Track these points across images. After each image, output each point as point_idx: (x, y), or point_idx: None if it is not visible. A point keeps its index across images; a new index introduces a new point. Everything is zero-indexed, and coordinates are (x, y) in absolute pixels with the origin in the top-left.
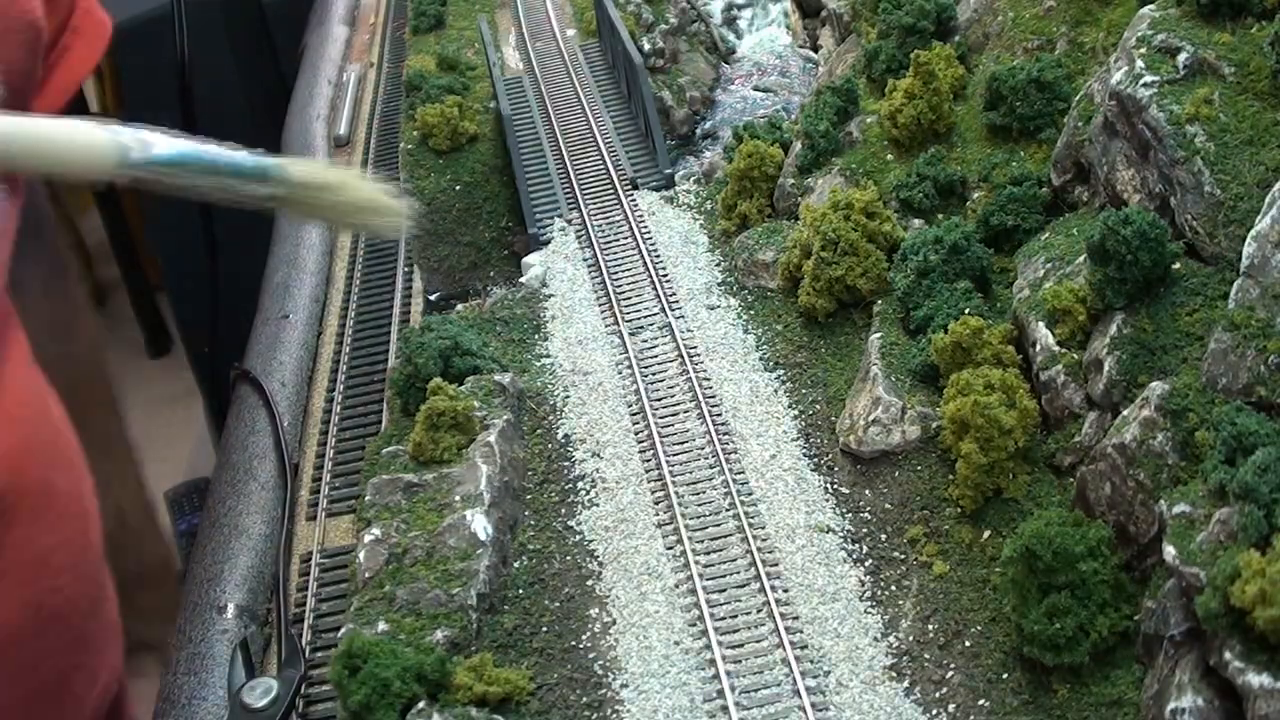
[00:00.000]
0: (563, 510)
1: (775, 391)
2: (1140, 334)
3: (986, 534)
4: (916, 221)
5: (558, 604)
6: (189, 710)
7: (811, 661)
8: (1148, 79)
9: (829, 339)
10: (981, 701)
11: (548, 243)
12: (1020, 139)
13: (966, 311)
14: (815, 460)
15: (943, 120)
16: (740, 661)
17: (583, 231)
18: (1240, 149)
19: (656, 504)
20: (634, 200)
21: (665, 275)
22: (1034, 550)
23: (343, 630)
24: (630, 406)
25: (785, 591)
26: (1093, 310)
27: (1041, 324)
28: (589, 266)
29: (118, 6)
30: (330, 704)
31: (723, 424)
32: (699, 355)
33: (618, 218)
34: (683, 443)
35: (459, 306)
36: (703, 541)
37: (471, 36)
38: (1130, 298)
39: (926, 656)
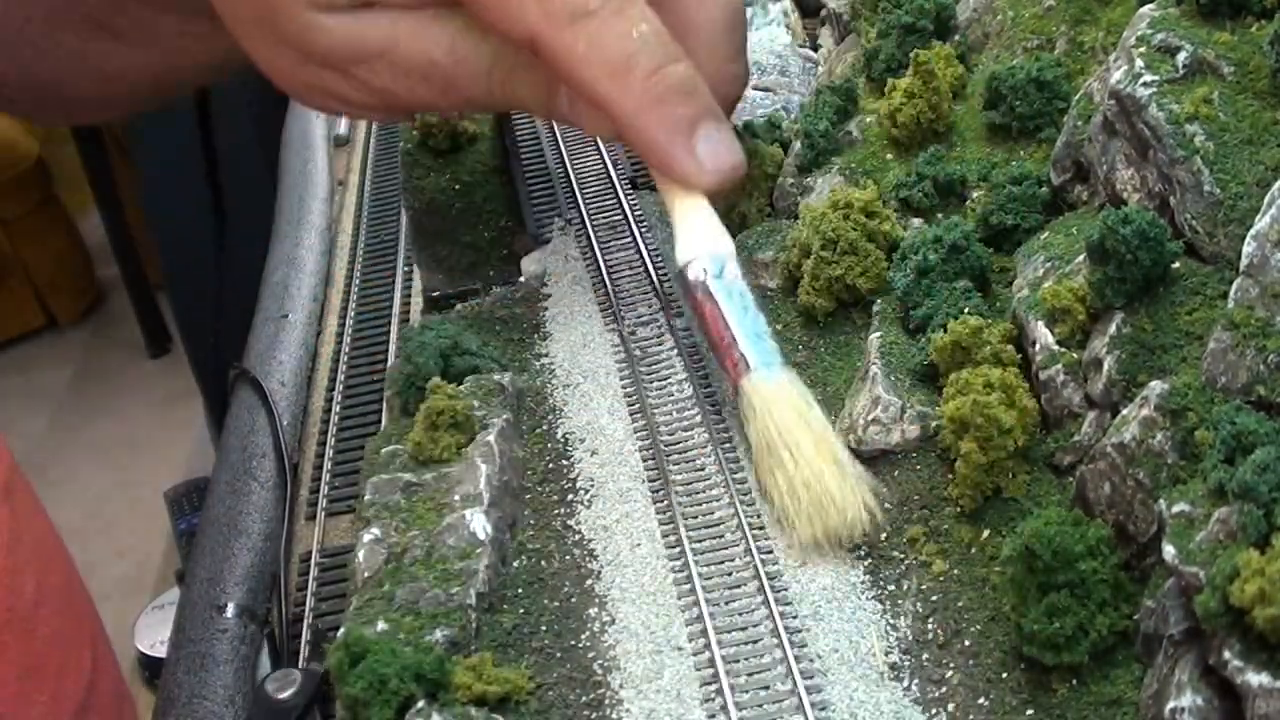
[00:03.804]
0: (562, 509)
1: None
2: (1140, 333)
3: (986, 533)
4: (916, 221)
5: (557, 603)
6: (189, 710)
7: (811, 660)
8: (1147, 78)
9: (828, 338)
10: (981, 700)
11: (547, 242)
12: (1020, 138)
13: (966, 311)
14: None
15: (942, 119)
16: (739, 661)
17: (582, 231)
18: (1240, 148)
19: (656, 503)
20: (633, 200)
21: (665, 275)
22: (1033, 549)
23: (341, 631)
24: (630, 406)
25: (784, 590)
26: (1092, 309)
27: (1041, 323)
28: (588, 266)
29: None
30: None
31: (722, 423)
32: (698, 355)
33: (617, 217)
34: (682, 442)
35: (458, 306)
36: (702, 540)
37: None
38: (1130, 297)
39: (926, 656)
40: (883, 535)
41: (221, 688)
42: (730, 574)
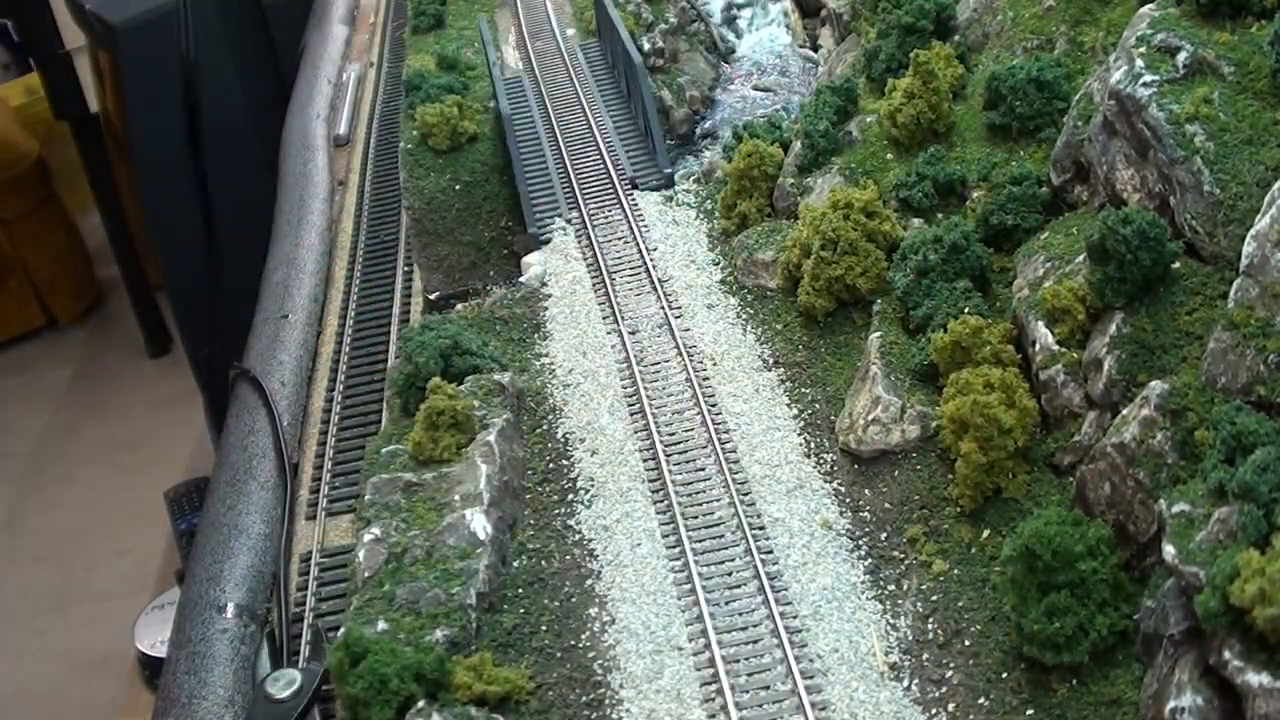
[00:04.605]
0: (562, 509)
1: (775, 390)
2: (1140, 333)
3: (986, 533)
4: (916, 221)
5: (557, 603)
6: (189, 709)
7: (811, 660)
8: (1147, 78)
9: (828, 338)
10: (981, 700)
11: (547, 242)
12: (1020, 138)
13: (966, 311)
14: (815, 459)
15: (942, 120)
16: (739, 661)
17: (582, 231)
18: (1240, 148)
19: (656, 503)
20: (634, 200)
21: (665, 275)
22: (1033, 549)
23: (342, 630)
24: (630, 406)
25: (784, 590)
26: (1092, 309)
27: (1041, 323)
28: (589, 266)
29: (118, 6)
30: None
31: (722, 423)
32: (698, 354)
33: (617, 217)
34: (682, 442)
35: (459, 306)
36: (702, 541)
37: (471, 36)
38: (1130, 297)
39: (926, 656)
40: (883, 535)
41: (221, 688)
42: (730, 574)
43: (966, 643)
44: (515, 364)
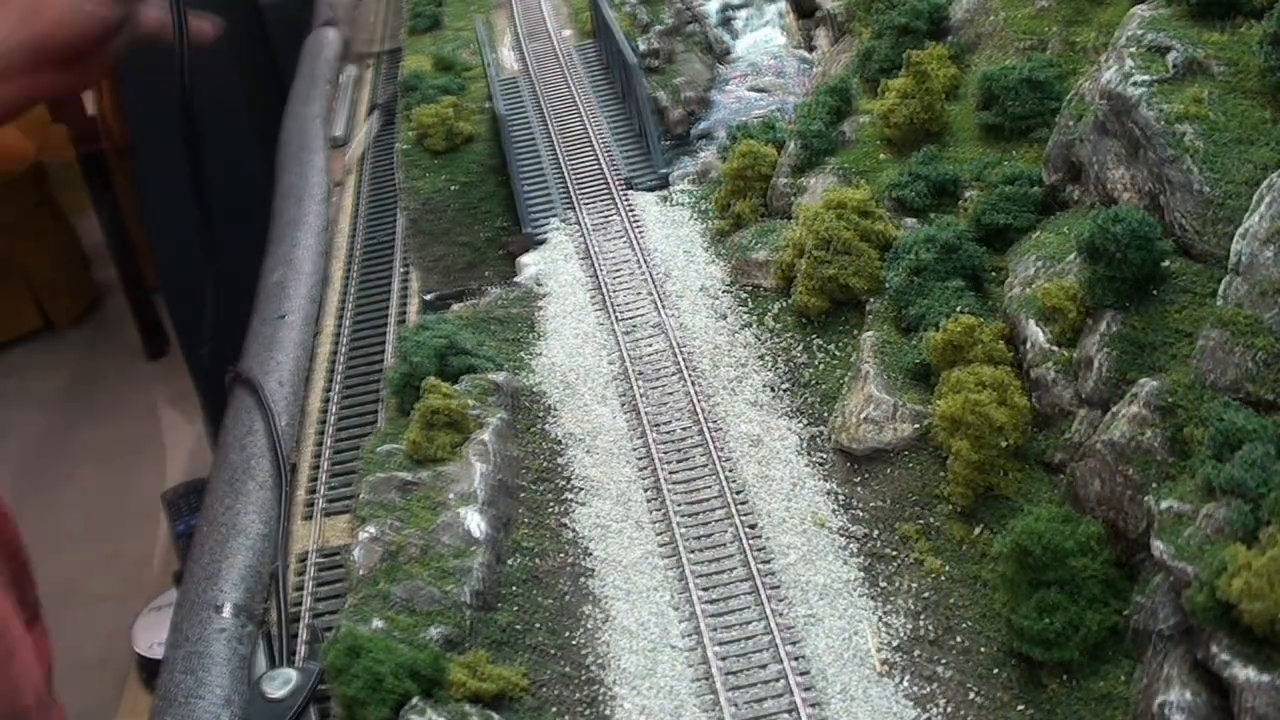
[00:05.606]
0: (557, 508)
1: (769, 390)
2: (1131, 331)
3: (979, 531)
4: (910, 220)
5: (552, 601)
6: (186, 709)
7: (805, 658)
8: (1139, 78)
9: (824, 337)
10: (973, 696)
11: (543, 243)
12: (1013, 138)
13: (960, 310)
14: (809, 458)
15: (936, 120)
16: (734, 659)
17: (579, 231)
18: (1231, 147)
19: (650, 502)
20: (630, 200)
21: (660, 275)
22: (1025, 547)
23: (338, 628)
24: (625, 406)
25: (779, 589)
26: (1084, 308)
27: (1033, 322)
28: (585, 266)
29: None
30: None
31: (716, 422)
32: (693, 354)
33: (613, 217)
34: (677, 441)
35: (455, 306)
36: (697, 539)
37: (468, 37)
38: (1121, 295)
39: (919, 653)
40: (877, 533)
41: (218, 687)
42: (725, 572)
43: (960, 639)
44: (511, 363)
